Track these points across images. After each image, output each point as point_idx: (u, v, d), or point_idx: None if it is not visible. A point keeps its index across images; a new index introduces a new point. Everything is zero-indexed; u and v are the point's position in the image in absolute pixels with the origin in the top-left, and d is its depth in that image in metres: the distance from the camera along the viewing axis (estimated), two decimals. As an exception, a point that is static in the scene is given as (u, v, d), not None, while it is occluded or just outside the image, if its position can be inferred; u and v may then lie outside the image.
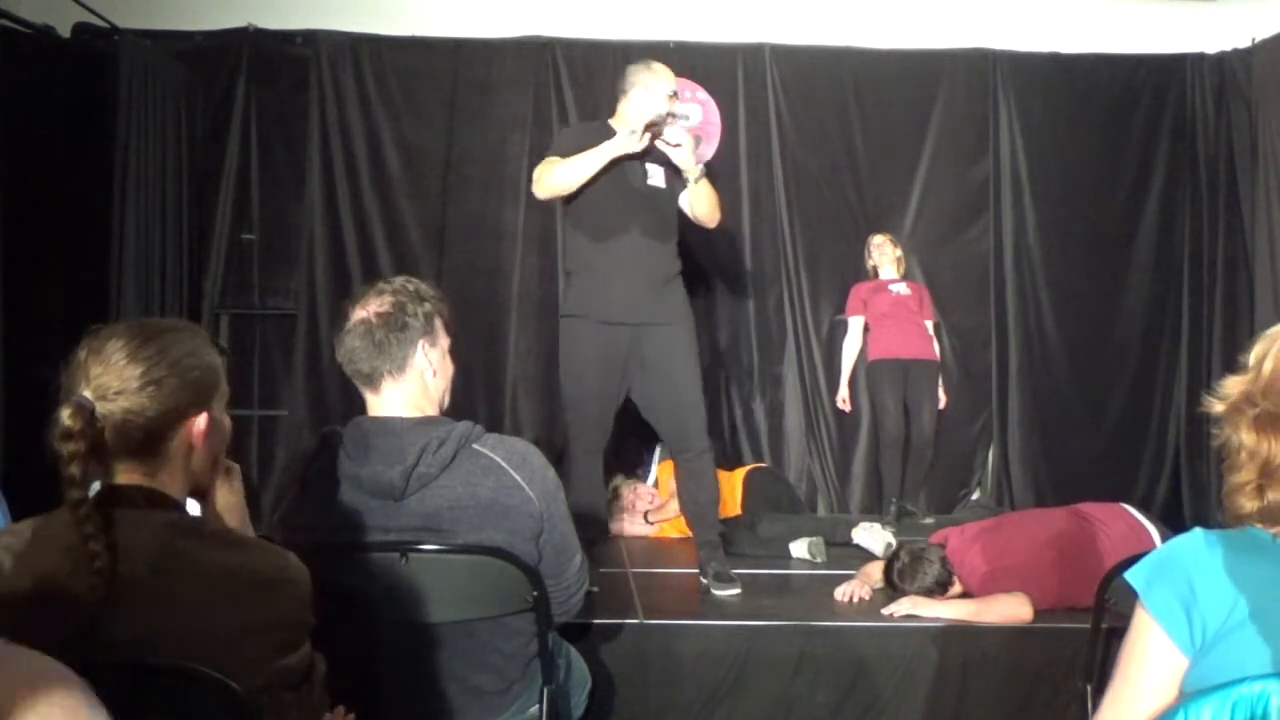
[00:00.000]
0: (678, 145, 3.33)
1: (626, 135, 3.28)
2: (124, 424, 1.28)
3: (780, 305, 5.35)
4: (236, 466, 1.54)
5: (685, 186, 3.43)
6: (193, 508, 1.42)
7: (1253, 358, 1.28)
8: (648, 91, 3.43)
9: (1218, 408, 1.28)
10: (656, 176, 3.44)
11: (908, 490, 5.05)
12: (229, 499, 1.51)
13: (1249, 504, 1.23)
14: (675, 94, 3.48)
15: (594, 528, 3.81)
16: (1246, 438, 1.24)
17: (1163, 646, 1.21)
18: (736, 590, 3.43)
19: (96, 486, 1.31)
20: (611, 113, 3.59)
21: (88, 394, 1.26)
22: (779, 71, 5.33)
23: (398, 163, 5.21)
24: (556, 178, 3.34)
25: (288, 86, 5.20)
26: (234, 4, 5.17)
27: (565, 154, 3.38)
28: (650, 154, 3.40)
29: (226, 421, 1.43)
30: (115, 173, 4.47)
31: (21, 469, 3.48)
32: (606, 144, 3.30)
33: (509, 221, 5.21)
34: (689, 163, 3.35)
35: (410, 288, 1.92)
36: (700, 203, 3.46)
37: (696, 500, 3.55)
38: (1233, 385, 1.28)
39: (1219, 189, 5.35)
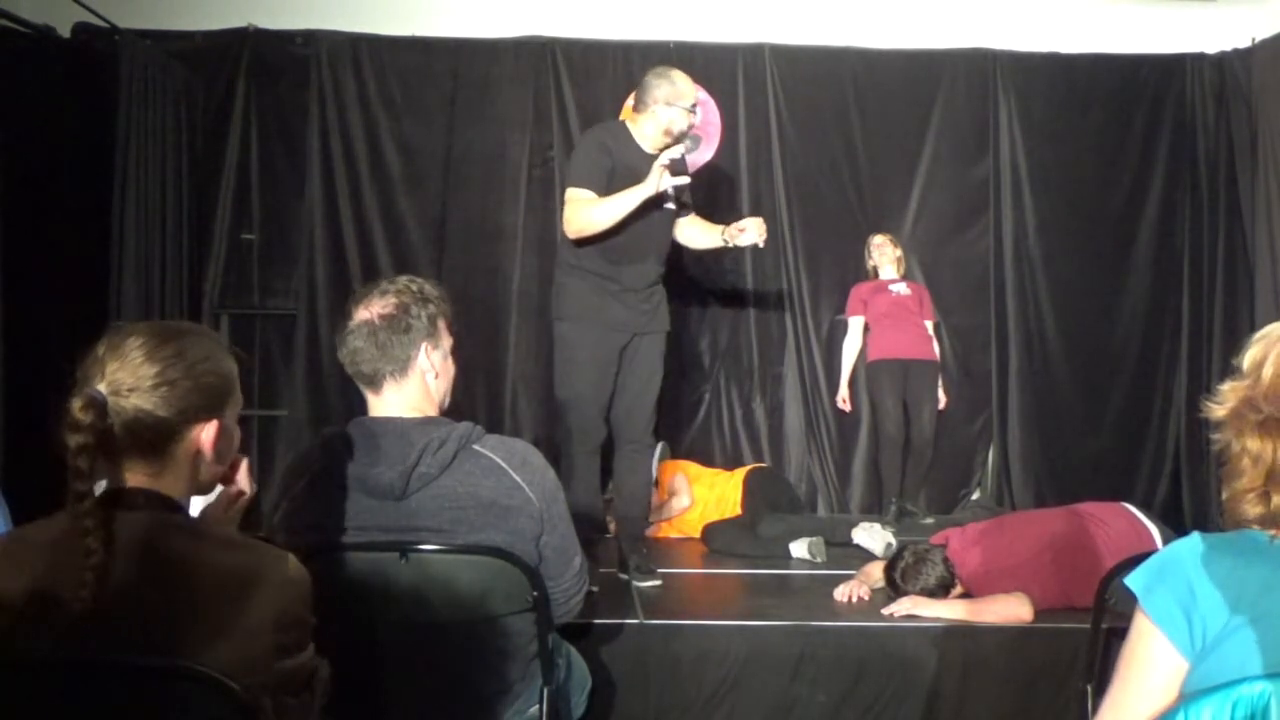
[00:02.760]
0: (684, 184, 3.44)
1: (658, 177, 3.27)
2: (134, 422, 1.28)
3: (780, 305, 5.35)
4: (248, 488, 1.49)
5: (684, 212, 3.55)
6: (193, 505, 1.42)
7: (1248, 362, 1.26)
8: (672, 109, 3.42)
9: (1218, 413, 1.27)
10: (670, 199, 3.52)
11: (908, 490, 5.04)
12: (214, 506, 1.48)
13: (1253, 509, 1.23)
14: (695, 107, 3.50)
15: (592, 528, 3.82)
16: (1251, 444, 1.23)
17: (1163, 650, 1.21)
18: (658, 581, 3.55)
19: (103, 485, 1.31)
20: (615, 112, 3.61)
21: (102, 388, 1.26)
22: (779, 71, 5.33)
23: (398, 162, 5.20)
24: (592, 224, 3.33)
25: (288, 86, 5.20)
26: (234, 4, 5.17)
27: (588, 180, 3.36)
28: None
29: (237, 431, 1.42)
30: (115, 173, 4.47)
31: (22, 471, 3.48)
32: (640, 188, 3.28)
33: (509, 221, 5.21)
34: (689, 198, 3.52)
35: (414, 288, 1.91)
36: (696, 235, 3.64)
37: (634, 494, 3.62)
38: (1233, 391, 1.26)
39: (1219, 189, 5.34)
